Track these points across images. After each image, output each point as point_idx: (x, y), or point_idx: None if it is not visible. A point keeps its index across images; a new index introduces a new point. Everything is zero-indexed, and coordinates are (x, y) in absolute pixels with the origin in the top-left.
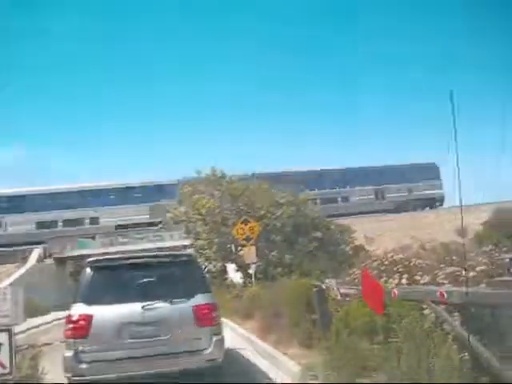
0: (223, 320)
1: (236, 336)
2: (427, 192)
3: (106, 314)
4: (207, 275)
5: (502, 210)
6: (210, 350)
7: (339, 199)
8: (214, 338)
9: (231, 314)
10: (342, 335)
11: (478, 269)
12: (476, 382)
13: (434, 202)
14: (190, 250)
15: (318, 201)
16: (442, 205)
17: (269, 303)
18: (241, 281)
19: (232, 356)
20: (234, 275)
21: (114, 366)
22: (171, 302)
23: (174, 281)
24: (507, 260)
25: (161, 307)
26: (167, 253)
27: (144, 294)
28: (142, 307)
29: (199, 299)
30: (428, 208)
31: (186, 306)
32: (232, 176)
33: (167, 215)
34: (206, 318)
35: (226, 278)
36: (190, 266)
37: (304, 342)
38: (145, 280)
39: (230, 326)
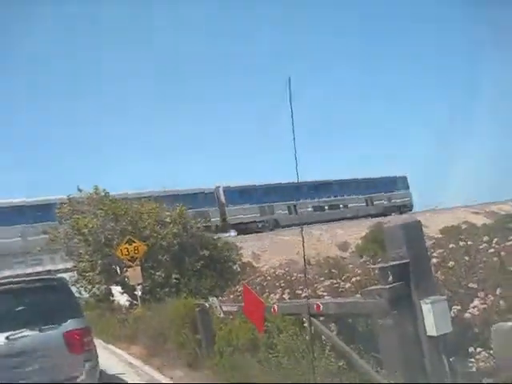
0: (108, 346)
1: (119, 362)
2: (400, 200)
3: None
4: (91, 298)
5: (379, 225)
6: (82, 377)
7: (341, 206)
8: (87, 365)
9: (116, 339)
10: (225, 353)
11: (353, 279)
12: None
13: (405, 208)
14: (60, 275)
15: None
16: (411, 210)
17: (154, 325)
18: (127, 303)
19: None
20: (120, 298)
21: None
22: (40, 330)
23: (43, 307)
24: (377, 270)
25: (28, 335)
26: (36, 277)
27: (10, 322)
28: (7, 337)
29: (70, 325)
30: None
31: (56, 332)
32: (125, 194)
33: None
34: (78, 344)
35: (113, 301)
36: (61, 290)
37: (189, 362)
38: (11, 307)
39: (115, 352)
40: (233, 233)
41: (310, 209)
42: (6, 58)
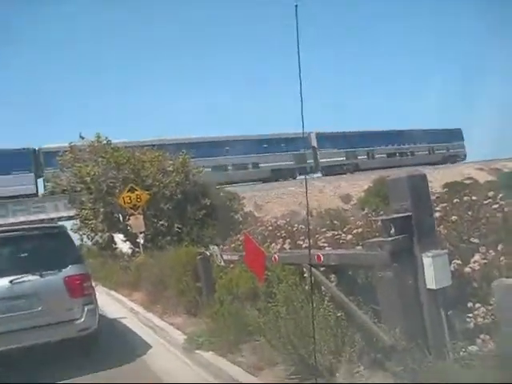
0: (111, 292)
1: (122, 308)
2: (455, 150)
3: None
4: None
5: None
6: (82, 319)
7: (409, 153)
8: (86, 308)
9: (119, 286)
10: (225, 302)
11: (355, 231)
12: (351, 337)
13: (459, 158)
14: (61, 223)
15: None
16: (464, 160)
17: (156, 273)
18: (129, 251)
19: (116, 328)
20: (123, 245)
21: None
22: (41, 275)
23: (44, 253)
24: (380, 222)
25: (30, 280)
26: (37, 225)
27: (13, 268)
28: (10, 281)
29: (70, 270)
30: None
31: (56, 277)
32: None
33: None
34: (78, 289)
35: (115, 249)
36: (61, 237)
37: (190, 310)
38: (14, 254)
39: (117, 298)
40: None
41: (383, 155)
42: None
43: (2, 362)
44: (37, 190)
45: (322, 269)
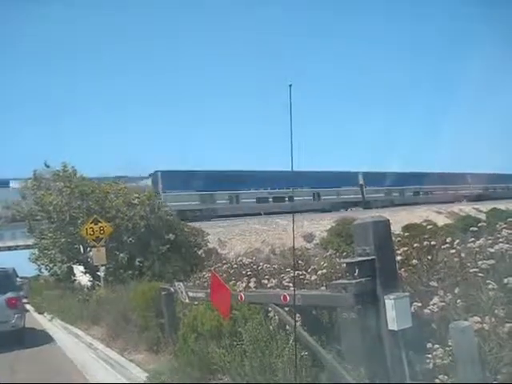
0: (68, 326)
1: (79, 343)
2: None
3: None
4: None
5: (344, 219)
6: (13, 321)
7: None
8: (16, 315)
9: (76, 320)
10: (189, 339)
11: (319, 272)
12: (315, 378)
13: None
14: (7, 266)
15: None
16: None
17: (117, 307)
18: (89, 283)
19: (72, 364)
20: (82, 278)
21: None
22: None
23: None
24: (344, 264)
25: None
26: None
27: None
28: None
29: (10, 294)
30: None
31: (2, 298)
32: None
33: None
34: (13, 305)
35: (74, 281)
36: (8, 275)
37: (152, 347)
38: None
39: (75, 333)
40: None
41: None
42: None
43: None
44: None
45: (286, 308)
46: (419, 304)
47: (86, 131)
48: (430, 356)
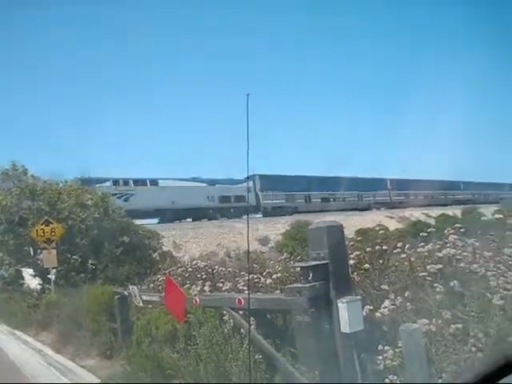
0: (15, 332)
1: (28, 349)
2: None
3: None
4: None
5: (299, 223)
6: None
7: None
8: None
9: (25, 325)
10: (142, 344)
11: (274, 276)
12: (270, 381)
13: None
14: None
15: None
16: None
17: (68, 312)
18: (39, 287)
19: (19, 372)
20: (32, 281)
21: None
22: None
23: None
24: (298, 268)
25: None
26: None
27: None
28: None
29: None
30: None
31: None
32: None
33: None
34: None
35: (22, 284)
36: None
37: (104, 352)
38: None
39: (23, 339)
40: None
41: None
42: None
43: None
44: None
45: (240, 312)
46: (371, 307)
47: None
48: (380, 357)
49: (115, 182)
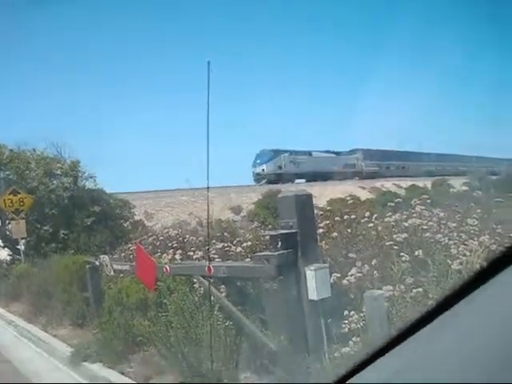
0: None
1: None
2: None
3: None
4: None
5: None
6: None
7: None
8: None
9: None
10: (114, 312)
11: (244, 245)
12: (239, 347)
13: None
14: None
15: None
16: None
17: (39, 282)
18: (8, 258)
19: None
20: (1, 252)
21: None
22: None
23: None
24: (268, 237)
25: None
26: None
27: None
28: None
29: None
30: None
31: None
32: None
33: None
34: None
35: None
36: None
37: (76, 321)
38: None
39: None
40: None
41: None
42: None
43: None
44: None
45: (211, 280)
46: (338, 275)
47: None
48: (346, 322)
49: (292, 153)
